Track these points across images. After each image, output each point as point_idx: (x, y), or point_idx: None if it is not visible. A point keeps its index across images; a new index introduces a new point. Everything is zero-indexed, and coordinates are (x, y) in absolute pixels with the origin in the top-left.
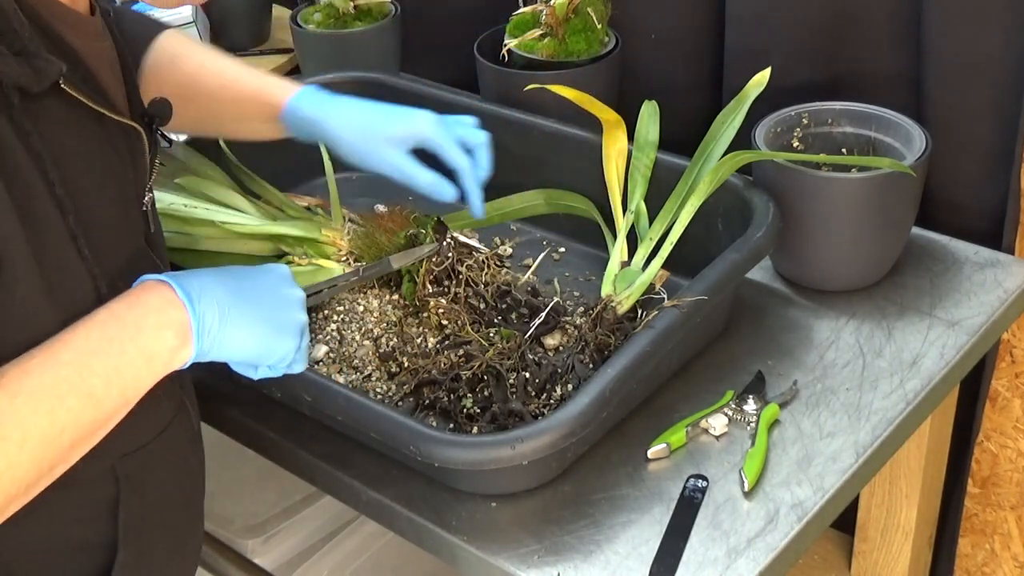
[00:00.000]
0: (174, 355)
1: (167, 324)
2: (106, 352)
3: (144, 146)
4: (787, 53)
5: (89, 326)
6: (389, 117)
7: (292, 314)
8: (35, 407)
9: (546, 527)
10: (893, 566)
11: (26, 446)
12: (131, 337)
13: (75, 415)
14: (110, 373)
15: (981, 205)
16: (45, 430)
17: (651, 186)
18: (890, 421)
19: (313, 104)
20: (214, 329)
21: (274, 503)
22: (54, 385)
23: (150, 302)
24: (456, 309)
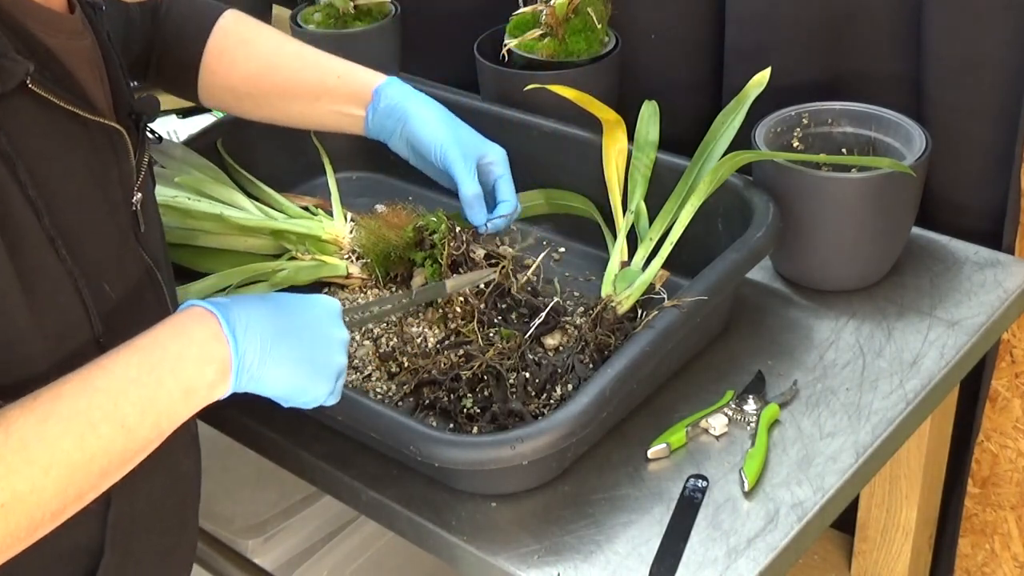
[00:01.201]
0: (212, 390)
1: (209, 360)
2: (144, 382)
3: (128, 146)
4: (787, 53)
5: (129, 353)
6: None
7: (332, 356)
8: (65, 432)
9: (546, 527)
10: (893, 566)
11: (52, 472)
12: (171, 370)
13: (106, 443)
14: (145, 404)
15: (981, 205)
16: (73, 456)
17: (651, 186)
18: (890, 421)
19: (402, 91)
20: (254, 367)
21: (274, 503)
22: (87, 411)
23: (195, 335)
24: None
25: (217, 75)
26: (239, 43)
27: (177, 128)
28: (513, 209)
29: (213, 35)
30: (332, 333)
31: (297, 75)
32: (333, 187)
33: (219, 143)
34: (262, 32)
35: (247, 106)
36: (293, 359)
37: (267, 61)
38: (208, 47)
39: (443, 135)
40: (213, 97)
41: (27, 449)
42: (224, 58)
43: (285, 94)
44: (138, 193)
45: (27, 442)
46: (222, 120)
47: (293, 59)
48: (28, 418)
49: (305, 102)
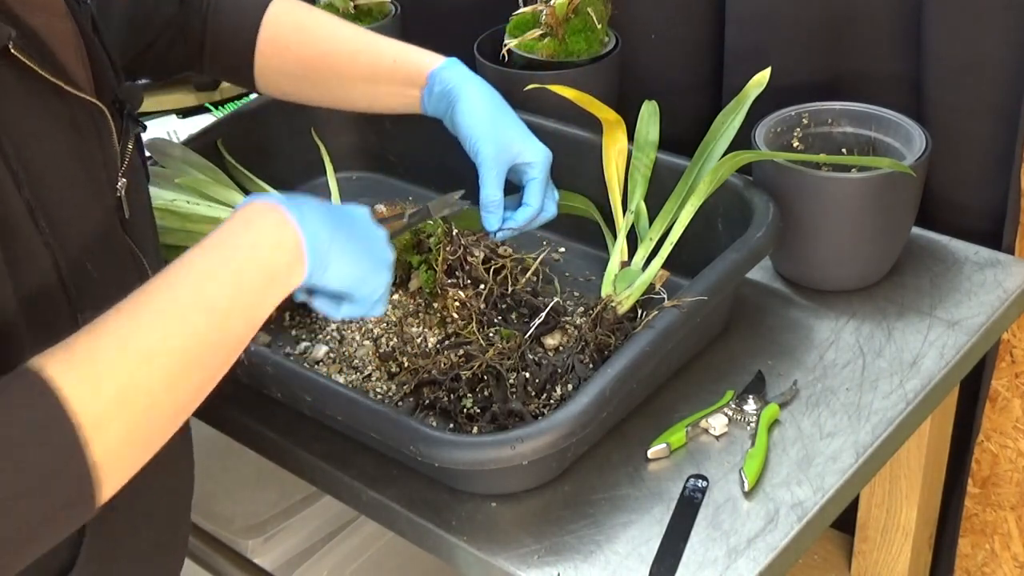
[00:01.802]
0: (290, 275)
1: (281, 244)
2: (225, 270)
3: (111, 127)
4: (787, 53)
5: (203, 249)
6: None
7: (383, 248)
8: (156, 323)
9: (546, 527)
10: (893, 566)
11: (155, 361)
12: (248, 257)
13: (201, 331)
14: (231, 289)
15: (981, 205)
16: (171, 346)
17: (651, 186)
18: (890, 421)
19: (460, 72)
20: (323, 250)
21: (274, 503)
22: (174, 303)
23: (263, 223)
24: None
25: (273, 60)
26: (294, 29)
27: (177, 128)
28: (534, 216)
29: (265, 21)
30: (375, 230)
31: (353, 59)
32: (333, 187)
33: (219, 143)
34: (316, 16)
35: (305, 89)
36: (353, 246)
37: (323, 46)
38: (261, 34)
39: (481, 130)
40: (270, 83)
41: (123, 343)
42: (279, 44)
43: (342, 77)
44: (123, 179)
45: (122, 337)
46: (222, 120)
47: (348, 43)
48: (118, 317)
49: (363, 85)
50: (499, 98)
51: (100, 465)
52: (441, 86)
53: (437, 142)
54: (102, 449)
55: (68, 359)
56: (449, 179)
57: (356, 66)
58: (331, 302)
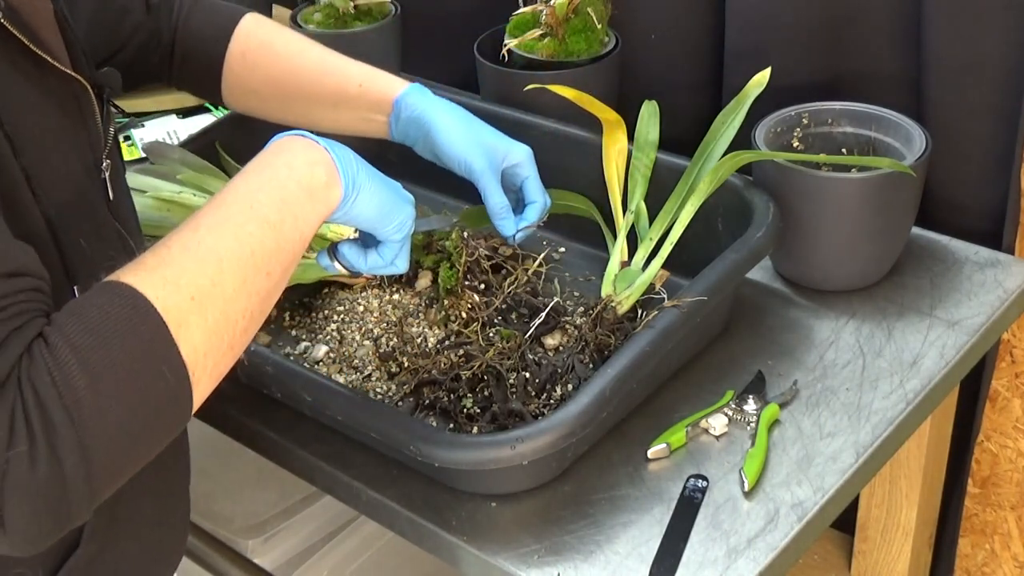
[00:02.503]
0: (328, 191)
1: (317, 162)
2: (269, 187)
3: (94, 107)
4: (787, 53)
5: (245, 175)
6: (494, 135)
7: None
8: (219, 234)
9: (546, 527)
10: (893, 566)
11: (224, 264)
12: (287, 176)
13: (258, 240)
14: (278, 203)
15: (981, 205)
16: (235, 251)
17: (651, 186)
18: (890, 421)
19: (424, 98)
20: (354, 172)
21: (274, 503)
22: (230, 217)
23: (294, 147)
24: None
25: (240, 78)
26: (261, 45)
27: (177, 128)
28: (542, 210)
29: (235, 37)
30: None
31: (319, 81)
32: None
33: (218, 144)
34: (286, 36)
35: (271, 109)
36: (378, 177)
37: (289, 66)
38: (230, 50)
39: (465, 148)
40: (238, 100)
41: (191, 251)
42: (247, 61)
43: (308, 100)
44: (107, 160)
45: (188, 247)
46: (221, 120)
47: (315, 65)
48: (180, 234)
49: (328, 109)
50: (467, 113)
51: (190, 364)
52: (408, 112)
53: None
54: (189, 347)
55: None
56: (449, 179)
57: (322, 89)
58: (358, 251)
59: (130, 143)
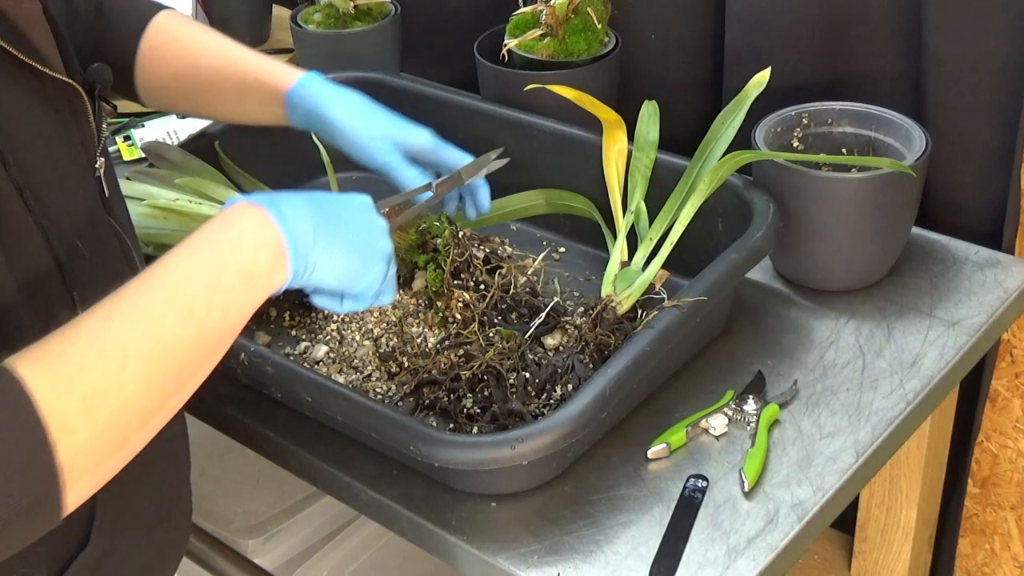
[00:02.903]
0: (272, 276)
1: (263, 244)
2: (203, 272)
3: (86, 107)
4: (787, 53)
5: (182, 251)
6: (391, 117)
7: (379, 240)
8: (132, 325)
9: (546, 527)
10: (893, 566)
11: (129, 365)
12: (227, 258)
13: (177, 335)
14: (209, 292)
15: (981, 205)
16: (146, 348)
17: (651, 186)
18: (890, 421)
19: (317, 90)
20: (308, 250)
21: (274, 503)
22: (151, 305)
23: (244, 223)
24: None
25: (150, 75)
26: (168, 41)
27: (176, 128)
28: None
29: (147, 33)
30: (372, 220)
31: (219, 75)
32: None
33: (217, 144)
34: (191, 30)
35: (182, 103)
36: (343, 242)
37: (191, 60)
38: (141, 46)
39: (362, 141)
40: (151, 97)
41: (96, 345)
42: (155, 56)
43: (212, 93)
44: (100, 159)
45: (95, 339)
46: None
47: (214, 58)
48: (92, 319)
49: (232, 101)
50: (363, 102)
51: (68, 468)
52: (302, 104)
53: None
54: (71, 451)
55: (41, 358)
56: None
57: (222, 82)
58: (332, 298)
59: (130, 143)
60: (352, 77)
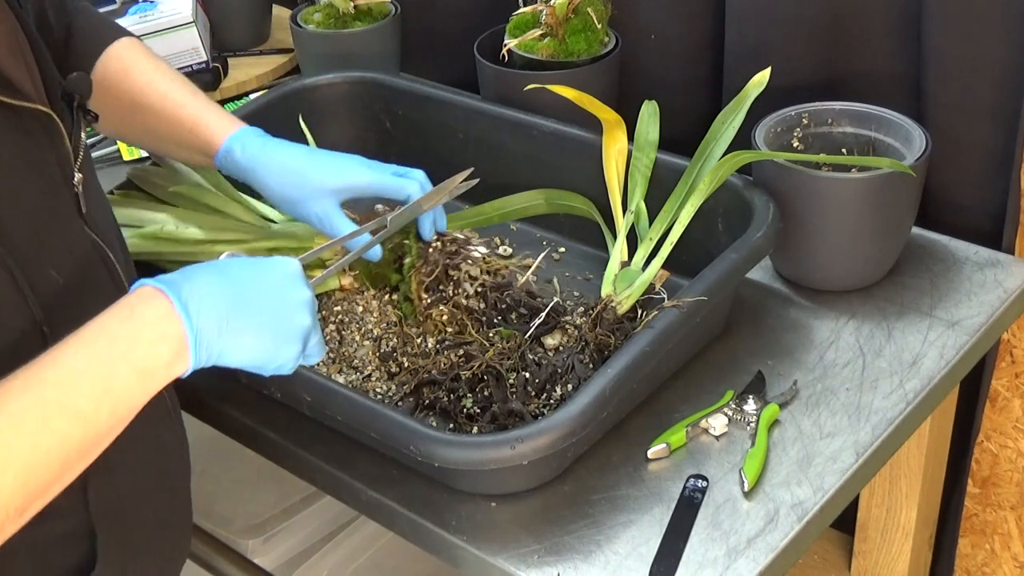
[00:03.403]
0: (170, 369)
1: (162, 339)
2: (95, 370)
3: (61, 129)
4: (787, 53)
5: (76, 343)
6: (322, 167)
7: (295, 318)
8: (17, 431)
9: (546, 527)
10: (893, 566)
11: (9, 472)
12: (123, 354)
13: (63, 437)
14: (99, 392)
15: (981, 205)
16: (28, 454)
17: (651, 186)
18: (890, 421)
19: (247, 149)
20: (212, 341)
21: (274, 503)
22: (38, 406)
23: (145, 315)
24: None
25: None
26: (119, 72)
27: None
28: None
29: (101, 61)
30: (292, 295)
31: (157, 119)
32: None
33: None
34: (142, 65)
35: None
36: (254, 326)
37: (137, 98)
38: (95, 73)
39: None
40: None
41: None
42: (105, 86)
43: (153, 136)
44: (78, 174)
45: None
46: None
47: (158, 100)
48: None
49: (171, 146)
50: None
51: None
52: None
53: (437, 142)
54: None
55: None
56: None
57: (159, 125)
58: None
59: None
60: (352, 77)
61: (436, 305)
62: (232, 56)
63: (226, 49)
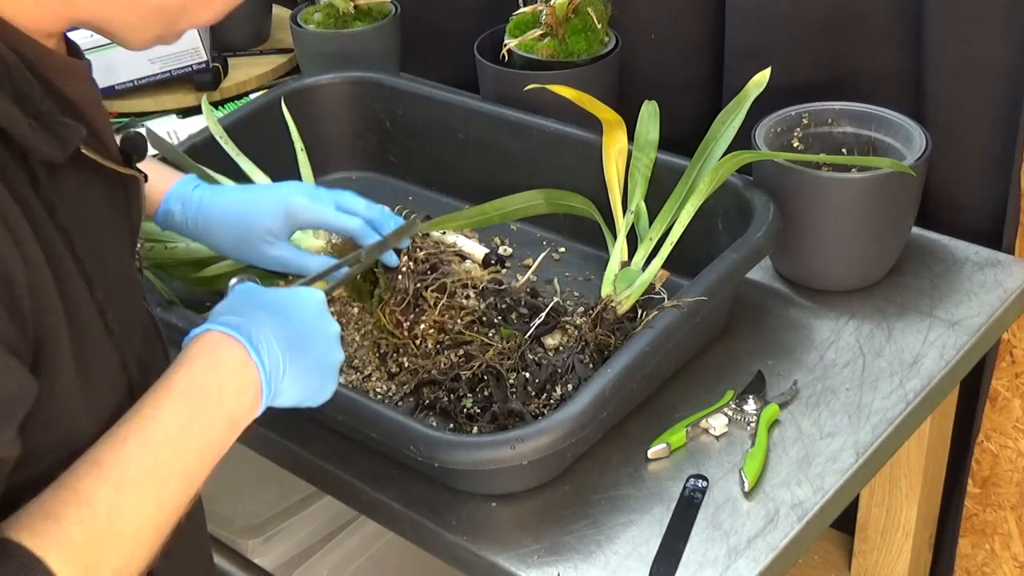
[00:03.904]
0: (249, 415)
1: (246, 388)
2: (196, 425)
3: (141, 192)
4: (787, 53)
5: (175, 397)
6: (261, 208)
7: (333, 354)
8: (143, 498)
9: (546, 527)
10: (893, 566)
11: (140, 538)
12: (216, 407)
13: (176, 497)
14: (202, 447)
15: (981, 205)
16: (154, 519)
17: (651, 186)
18: (890, 421)
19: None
20: (278, 384)
21: (274, 503)
22: (155, 469)
23: (227, 365)
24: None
25: None
26: None
27: (177, 128)
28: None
29: None
30: (329, 330)
31: None
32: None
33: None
34: None
35: None
36: (305, 369)
37: None
38: None
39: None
40: None
41: (114, 525)
42: None
43: None
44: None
45: (113, 518)
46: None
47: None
48: (104, 489)
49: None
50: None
51: None
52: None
53: (437, 142)
54: None
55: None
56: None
57: None
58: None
59: None
60: (352, 77)
61: (417, 324)
62: (232, 56)
63: (226, 49)
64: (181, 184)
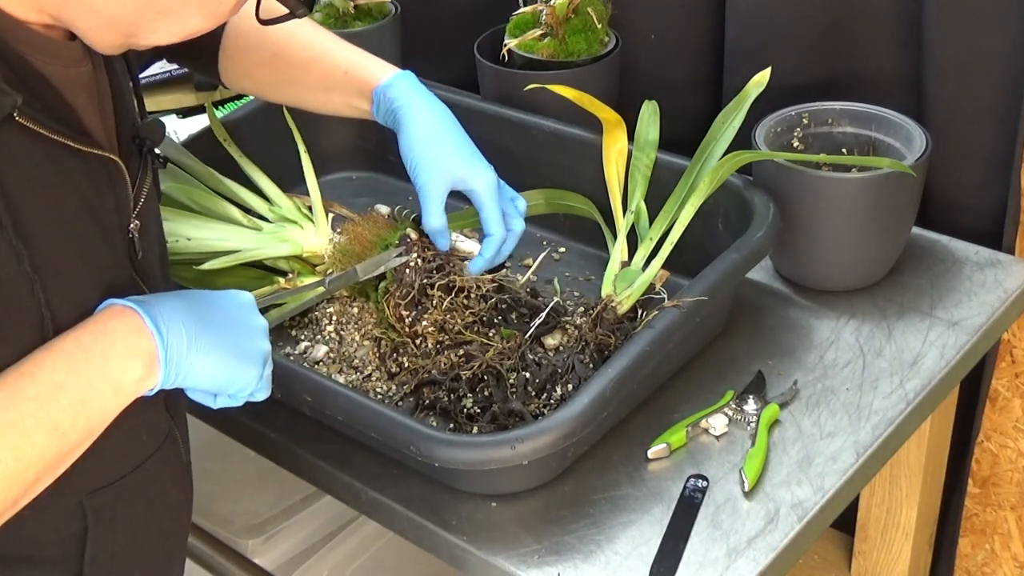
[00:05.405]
0: (140, 384)
1: (135, 354)
2: (72, 385)
3: (125, 175)
4: (787, 53)
5: (55, 357)
6: (458, 152)
7: (256, 342)
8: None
9: (546, 527)
10: (893, 566)
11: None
12: (98, 369)
13: (41, 451)
14: (76, 406)
15: (981, 205)
16: (10, 468)
17: (651, 186)
18: (890, 421)
19: (402, 95)
20: (181, 357)
21: (274, 503)
22: (19, 421)
23: (117, 331)
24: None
25: (235, 61)
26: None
27: (177, 128)
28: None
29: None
30: (252, 321)
31: (306, 66)
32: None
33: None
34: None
35: (265, 90)
36: (219, 347)
37: (278, 49)
38: (226, 32)
39: (418, 156)
40: (233, 82)
41: None
42: (240, 44)
43: (297, 85)
44: (136, 220)
45: None
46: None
47: (303, 48)
48: None
49: (318, 93)
50: (445, 118)
51: None
52: (387, 104)
53: None
54: None
55: None
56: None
57: (310, 74)
58: (205, 395)
59: None
60: None
61: (419, 321)
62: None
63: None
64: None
